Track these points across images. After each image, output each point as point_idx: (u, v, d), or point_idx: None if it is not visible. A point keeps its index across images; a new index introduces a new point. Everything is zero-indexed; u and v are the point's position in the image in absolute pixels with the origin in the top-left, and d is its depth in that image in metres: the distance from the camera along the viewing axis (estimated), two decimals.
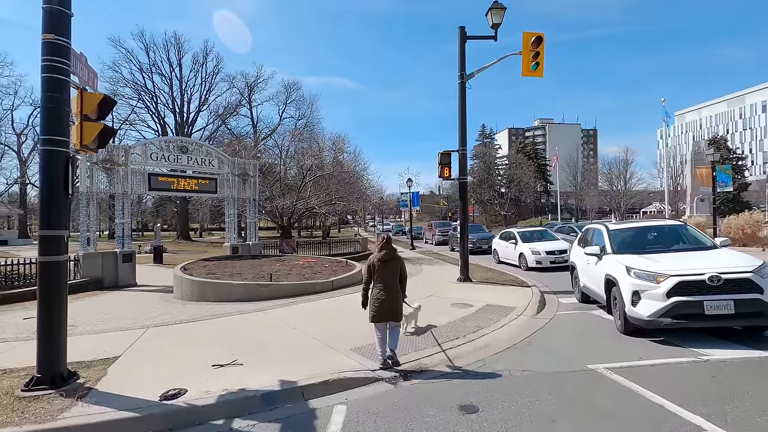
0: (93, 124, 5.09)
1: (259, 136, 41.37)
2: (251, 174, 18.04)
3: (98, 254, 13.16)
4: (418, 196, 29.47)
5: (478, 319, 7.84)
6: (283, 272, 11.68)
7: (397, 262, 5.67)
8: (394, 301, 5.49)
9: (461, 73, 12.12)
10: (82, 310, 9.39)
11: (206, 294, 9.88)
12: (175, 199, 49.03)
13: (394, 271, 5.57)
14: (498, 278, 12.85)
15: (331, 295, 10.22)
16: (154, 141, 15.54)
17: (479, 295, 10.13)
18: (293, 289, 10.18)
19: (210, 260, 13.85)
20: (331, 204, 22.90)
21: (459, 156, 12.24)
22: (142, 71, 45.23)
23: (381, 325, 5.46)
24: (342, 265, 13.26)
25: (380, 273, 5.50)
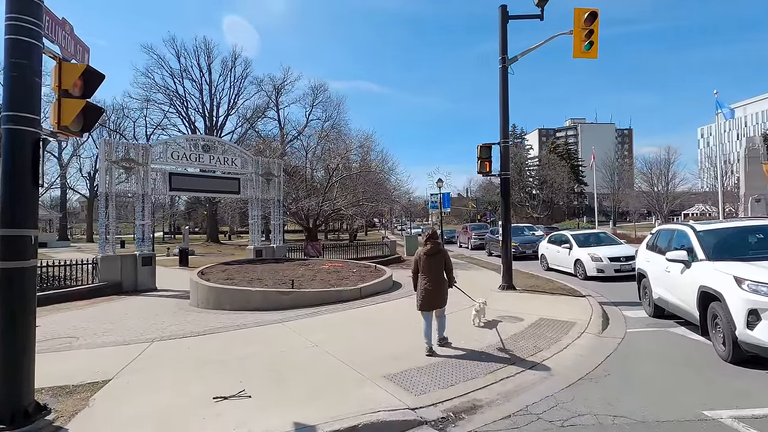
0: (74, 101, 4.20)
1: (285, 139, 41.13)
2: (275, 174, 17.29)
3: (117, 257, 12.62)
4: (448, 198, 28.10)
5: (534, 338, 6.55)
6: (306, 278, 10.72)
7: (442, 255, 6.05)
8: (439, 291, 5.90)
9: (503, 56, 10.85)
10: (90, 317, 8.70)
11: (222, 301, 9.01)
12: (204, 202, 49.52)
13: (439, 263, 5.95)
14: (545, 286, 11.43)
15: (360, 304, 9.14)
16: (176, 139, 15.02)
17: (528, 306, 8.80)
18: (317, 296, 9.16)
19: (230, 264, 13.09)
20: (358, 205, 21.93)
21: (501, 149, 10.95)
22: (174, 77, 46.06)
23: (427, 314, 5.89)
24: (371, 270, 12.18)
25: (426, 265, 5.92)
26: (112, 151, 12.66)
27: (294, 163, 29.37)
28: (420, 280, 5.96)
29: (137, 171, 13.12)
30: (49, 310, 9.70)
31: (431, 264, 5.92)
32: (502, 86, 10.87)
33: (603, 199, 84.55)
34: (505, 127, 10.89)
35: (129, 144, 13.08)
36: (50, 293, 10.76)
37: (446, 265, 6.05)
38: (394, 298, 9.89)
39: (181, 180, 14.42)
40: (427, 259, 5.93)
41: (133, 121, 48.87)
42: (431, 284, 5.85)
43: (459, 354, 5.77)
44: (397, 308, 8.89)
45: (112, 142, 12.73)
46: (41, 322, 8.30)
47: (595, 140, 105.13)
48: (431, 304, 5.88)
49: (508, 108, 10.95)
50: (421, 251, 6.06)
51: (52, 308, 9.90)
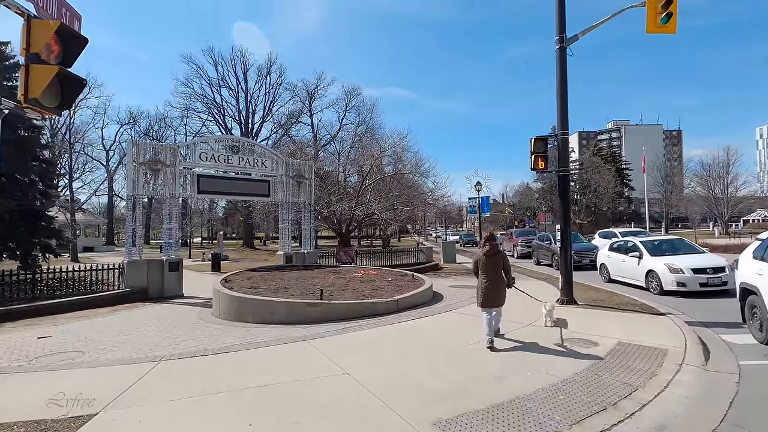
0: (44, 67, 3.35)
1: (319, 143, 40.86)
2: (307, 176, 16.51)
3: (143, 262, 12.13)
4: (488, 202, 26.51)
5: (621, 370, 5.16)
6: (337, 287, 9.69)
7: (500, 256, 6.42)
8: (498, 290, 6.27)
9: (560, 36, 9.48)
10: (106, 328, 8.03)
11: (245, 312, 8.12)
12: (240, 208, 50.13)
13: (497, 264, 6.32)
14: (610, 301, 9.84)
15: (397, 318, 7.98)
16: (204, 140, 14.53)
17: (599, 325, 7.33)
18: (348, 309, 8.09)
19: (257, 271, 12.30)
20: (392, 210, 20.83)
21: (559, 142, 9.54)
22: (211, 85, 47.14)
23: (487, 310, 6.23)
24: (408, 280, 11.00)
25: (485, 266, 6.29)
26: (140, 153, 12.24)
27: (326, 168, 28.80)
28: (480, 279, 6.38)
29: (165, 173, 12.64)
30: (69, 317, 9.18)
31: (490, 264, 6.29)
32: (560, 69, 9.48)
33: (651, 204, 79.28)
34: (563, 117, 9.47)
35: (157, 145, 12.63)
36: (75, 299, 10.32)
37: (504, 266, 6.44)
38: (436, 312, 8.66)
39: (209, 182, 13.87)
40: (486, 260, 6.31)
41: (174, 130, 50.43)
42: (491, 283, 6.24)
43: (529, 393, 4.49)
44: (441, 325, 7.66)
45: (139, 143, 12.32)
46: (56, 330, 7.73)
47: (641, 143, 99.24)
48: (492, 302, 6.26)
49: (567, 94, 9.53)
50: (480, 252, 6.49)
51: (72, 316, 9.40)
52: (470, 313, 8.53)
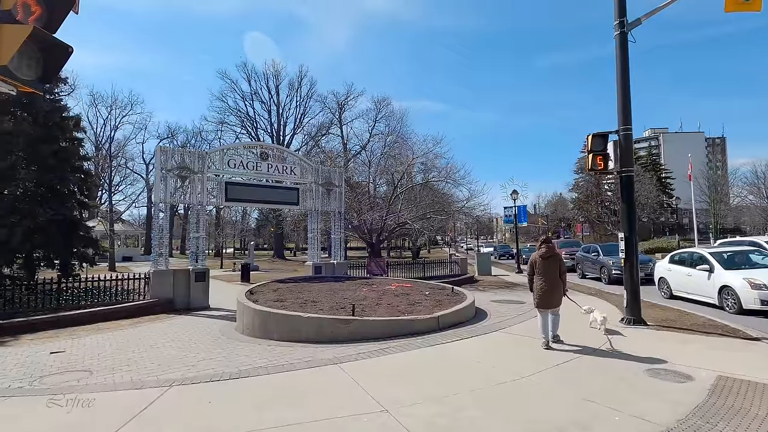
0: (15, 27, 2.70)
1: (349, 154, 40.59)
2: (336, 183, 15.87)
3: (169, 272, 11.70)
4: (525, 210, 25.09)
5: (738, 417, 3.99)
6: (370, 301, 8.81)
7: (556, 258, 6.54)
8: (554, 291, 6.41)
9: (620, 20, 8.40)
10: (124, 342, 7.47)
11: (269, 328, 7.37)
12: (272, 219, 50.51)
13: (553, 266, 6.46)
14: (684, 321, 8.46)
15: (439, 338, 6.99)
16: (233, 146, 14.17)
17: (683, 353, 6.09)
18: (383, 327, 7.18)
19: (284, 282, 11.61)
20: (425, 219, 19.87)
21: (620, 139, 8.38)
22: (245, 99, 48.16)
23: (544, 311, 6.49)
24: (447, 294, 9.99)
25: (541, 268, 6.46)
26: (168, 159, 11.94)
27: (356, 179, 28.27)
28: (536, 281, 6.52)
29: (192, 180, 12.28)
30: (89, 330, 8.73)
31: (546, 266, 6.43)
32: (621, 58, 8.38)
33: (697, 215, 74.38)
34: (625, 110, 8.32)
35: (185, 151, 12.34)
36: (98, 310, 9.93)
37: (560, 269, 6.51)
38: (482, 331, 7.61)
39: (237, 189, 13.43)
40: (542, 262, 6.46)
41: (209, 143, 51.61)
42: (547, 285, 6.38)
43: None
44: (491, 348, 6.61)
45: (167, 149, 12.04)
46: (71, 345, 7.22)
47: (682, 151, 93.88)
48: (548, 303, 6.40)
49: (629, 85, 8.40)
50: (536, 255, 6.62)
51: (93, 328, 8.96)
52: (522, 334, 7.43)
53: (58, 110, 19.21)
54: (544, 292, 6.37)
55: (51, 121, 17.97)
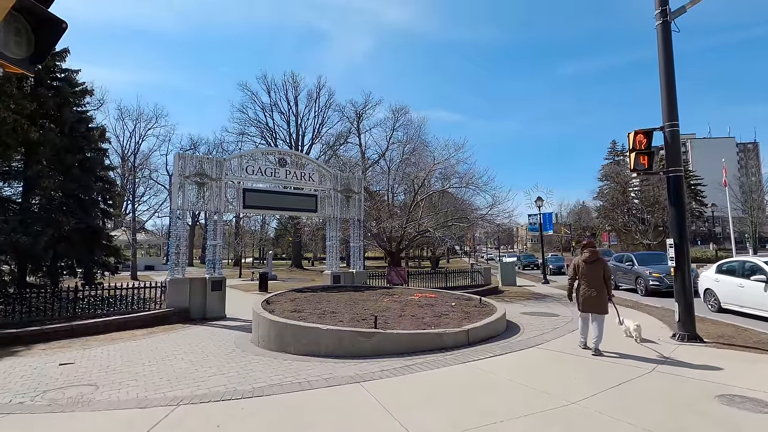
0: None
1: (367, 163, 40.36)
2: (356, 190, 15.45)
3: (185, 281, 11.42)
4: (551, 218, 24.16)
5: None
6: (392, 312, 8.25)
7: (601, 263, 6.47)
8: (598, 296, 6.30)
9: (662, 9, 7.76)
10: (135, 354, 7.11)
11: (286, 341, 6.89)
12: (290, 229, 50.60)
13: (597, 270, 6.39)
14: (744, 338, 7.60)
15: (470, 354, 6.37)
16: (250, 153, 13.95)
17: (756, 376, 5.29)
18: (409, 341, 6.61)
19: (302, 291, 11.15)
20: (446, 226, 19.21)
21: (666, 136, 7.67)
22: (264, 110, 48.80)
23: (585, 315, 6.48)
24: (474, 305, 9.33)
25: (584, 272, 6.44)
26: (186, 166, 11.75)
27: (374, 188, 27.87)
28: (579, 285, 6.49)
29: (210, 186, 12.05)
30: (102, 340, 8.45)
31: (590, 270, 6.39)
32: (664, 49, 7.71)
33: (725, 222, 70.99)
34: (670, 105, 7.62)
35: (203, 157, 12.14)
36: (112, 319, 9.67)
37: (605, 273, 6.41)
38: (516, 347, 6.94)
39: (255, 196, 13.15)
40: (585, 266, 6.43)
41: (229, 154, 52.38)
42: (590, 289, 6.32)
43: None
44: (528, 366, 5.95)
45: (185, 156, 11.87)
46: (82, 356, 6.90)
47: (711, 157, 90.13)
48: (591, 307, 6.32)
49: (674, 77, 7.70)
50: (578, 259, 6.60)
51: (106, 338, 8.68)
52: (562, 350, 6.73)
53: (84, 121, 19.57)
54: (587, 296, 6.31)
55: (77, 132, 18.29)
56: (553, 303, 13.54)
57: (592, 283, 6.31)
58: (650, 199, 65.90)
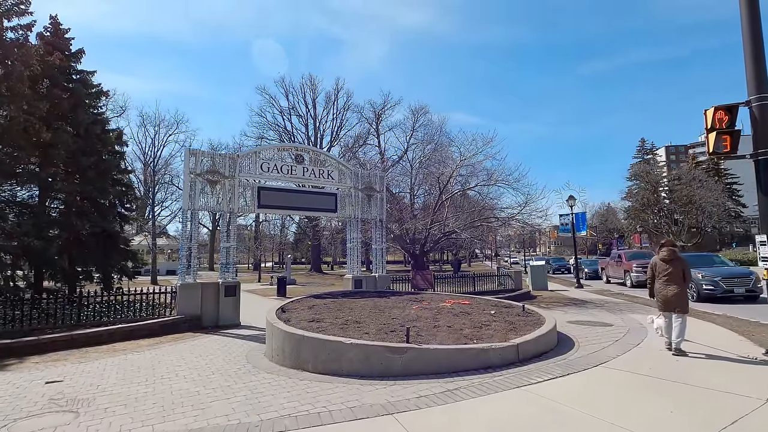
0: None
1: (386, 164, 39.44)
2: (377, 189, 14.47)
3: (197, 285, 10.63)
4: (584, 218, 22.62)
5: None
6: (424, 322, 7.18)
7: (680, 261, 6.43)
8: (677, 294, 6.26)
9: None
10: (132, 370, 6.26)
11: (303, 357, 5.91)
12: (309, 232, 50.06)
13: (676, 268, 6.35)
14: None
15: (523, 376, 5.25)
16: (266, 148, 13.14)
17: None
18: (448, 358, 5.53)
19: (322, 297, 10.19)
20: (474, 227, 17.99)
21: (754, 112, 6.39)
22: (282, 114, 48.55)
23: (667, 313, 6.41)
24: (517, 313, 8.16)
25: (662, 271, 6.43)
26: (197, 163, 11.01)
27: (394, 190, 26.91)
28: (657, 284, 6.54)
29: (223, 184, 11.28)
30: (103, 352, 7.66)
31: (668, 269, 6.39)
32: (749, 11, 6.45)
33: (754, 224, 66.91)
34: (758, 75, 6.34)
35: (215, 153, 11.37)
36: (116, 328, 8.91)
37: (685, 273, 6.43)
38: (578, 367, 5.76)
39: (271, 195, 12.32)
40: (663, 264, 6.47)
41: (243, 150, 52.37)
42: (669, 288, 6.33)
43: None
44: (605, 392, 4.77)
45: (197, 152, 11.15)
46: (75, 371, 6.07)
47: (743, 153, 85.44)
48: (671, 306, 6.30)
49: (762, 43, 6.43)
50: (657, 258, 6.66)
51: (108, 349, 7.90)
52: (634, 370, 5.52)
53: (99, 123, 19.23)
54: (667, 294, 6.33)
55: (92, 134, 17.95)
56: (597, 310, 12.19)
57: (671, 281, 6.31)
58: (683, 199, 62.83)
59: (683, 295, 6.26)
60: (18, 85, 13.66)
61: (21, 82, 13.78)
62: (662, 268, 6.40)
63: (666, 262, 6.38)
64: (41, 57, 16.04)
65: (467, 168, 18.24)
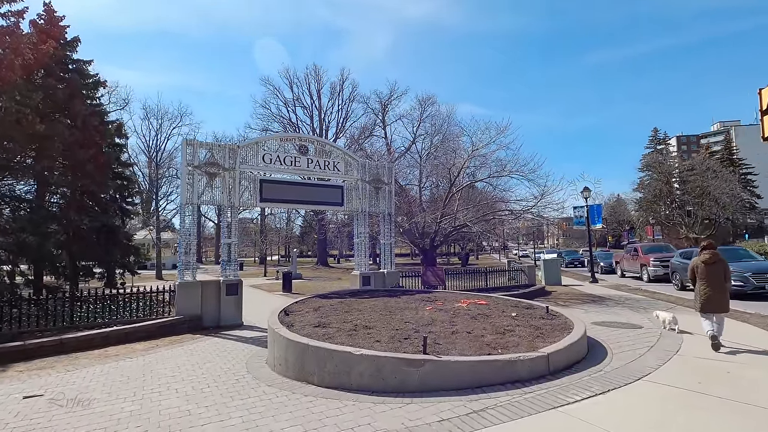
0: None
1: (393, 156, 38.66)
2: (386, 181, 13.80)
3: (197, 284, 10.08)
4: (600, 210, 21.77)
5: None
6: (440, 327, 6.55)
7: (722, 264, 6.55)
8: (720, 296, 6.43)
9: None
10: (121, 381, 5.70)
11: (307, 368, 5.31)
12: (315, 226, 49.57)
13: (718, 271, 6.50)
14: None
15: (558, 394, 4.60)
16: (269, 138, 12.49)
17: None
18: (471, 372, 4.89)
19: (328, 297, 9.58)
20: (485, 220, 17.26)
21: None
22: (287, 105, 47.75)
23: (708, 315, 6.51)
24: (540, 315, 7.48)
25: (704, 272, 6.55)
26: (195, 154, 10.40)
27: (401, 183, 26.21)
28: (699, 286, 6.61)
29: (223, 177, 10.67)
30: (93, 357, 7.12)
31: (710, 271, 6.50)
32: None
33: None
34: None
35: (214, 144, 10.77)
36: (111, 331, 8.37)
37: (726, 274, 6.54)
38: (618, 381, 5.09)
39: (274, 188, 11.69)
40: (705, 267, 6.54)
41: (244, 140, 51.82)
42: (712, 289, 6.44)
43: None
44: (655, 419, 4.11)
45: (194, 142, 10.51)
46: (57, 381, 5.52)
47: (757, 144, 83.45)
48: (713, 308, 6.43)
49: None
50: (698, 260, 6.72)
51: (100, 354, 7.36)
52: (683, 385, 4.84)
53: (97, 114, 18.62)
54: (708, 296, 6.44)
55: (89, 125, 17.38)
56: (619, 308, 11.50)
57: (713, 284, 6.45)
58: (696, 190, 61.45)
59: (725, 296, 6.45)
60: (9, 74, 13.08)
61: (12, 71, 13.19)
62: (704, 270, 6.54)
63: (708, 265, 6.51)
64: (34, 45, 15.44)
65: (479, 159, 17.46)
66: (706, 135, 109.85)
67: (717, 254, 6.56)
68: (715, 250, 6.63)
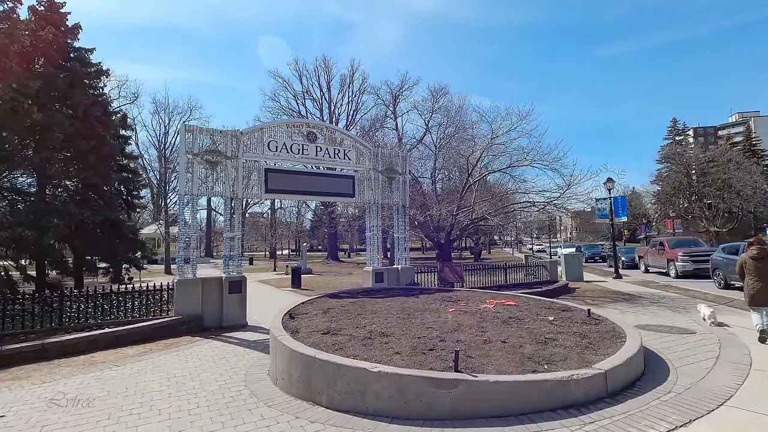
0: None
1: (404, 148, 37.67)
2: (399, 171, 12.87)
3: (197, 281, 9.33)
4: (624, 203, 20.56)
5: None
6: (469, 333, 5.64)
7: None
8: None
9: None
10: (101, 396, 4.92)
11: (314, 385, 4.47)
12: (325, 219, 48.87)
13: (766, 266, 6.60)
14: None
15: (626, 424, 3.68)
16: (273, 125, 11.62)
17: None
18: (515, 394, 3.99)
19: (339, 297, 8.72)
20: (504, 213, 16.26)
21: None
22: (296, 98, 46.93)
23: (758, 309, 6.63)
24: (582, 319, 6.51)
25: (753, 268, 6.71)
26: (195, 142, 9.60)
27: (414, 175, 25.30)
28: (748, 281, 6.75)
29: (225, 166, 9.86)
30: (78, 364, 6.39)
31: (759, 267, 6.65)
32: None
33: None
34: None
35: (214, 131, 9.95)
36: (100, 334, 7.65)
37: None
38: (698, 407, 4.14)
39: (279, 178, 10.85)
40: (754, 263, 6.72)
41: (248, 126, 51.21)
42: (760, 284, 6.59)
43: None
44: None
45: (194, 128, 9.71)
46: (27, 397, 4.76)
47: None
48: (762, 302, 6.56)
49: None
50: (746, 256, 6.87)
51: (85, 360, 6.63)
52: None
53: (99, 104, 17.96)
54: (758, 290, 6.58)
55: (91, 116, 16.72)
56: (656, 307, 10.46)
57: (762, 278, 6.58)
58: (717, 182, 59.24)
59: None
60: (4, 60, 12.43)
61: (7, 58, 12.54)
62: (752, 266, 6.71)
63: (756, 260, 6.68)
64: (33, 32, 14.78)
65: (498, 147, 16.37)
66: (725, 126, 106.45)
67: (765, 249, 6.71)
68: (763, 245, 6.79)
